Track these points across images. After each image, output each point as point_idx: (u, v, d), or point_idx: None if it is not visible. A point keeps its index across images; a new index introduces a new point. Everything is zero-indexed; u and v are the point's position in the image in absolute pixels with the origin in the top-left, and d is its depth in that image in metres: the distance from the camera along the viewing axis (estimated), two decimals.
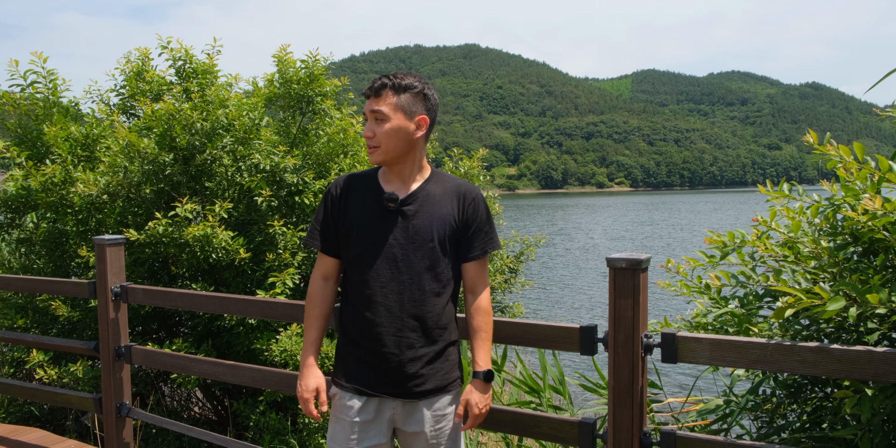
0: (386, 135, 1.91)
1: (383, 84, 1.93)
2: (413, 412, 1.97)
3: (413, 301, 1.94)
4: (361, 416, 1.96)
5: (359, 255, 1.98)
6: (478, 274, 2.02)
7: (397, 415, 1.98)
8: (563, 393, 3.42)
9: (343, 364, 2.03)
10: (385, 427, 1.98)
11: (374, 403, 1.97)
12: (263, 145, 4.66)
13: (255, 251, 4.57)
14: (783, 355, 1.82)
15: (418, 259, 1.94)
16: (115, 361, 3.21)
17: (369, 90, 1.95)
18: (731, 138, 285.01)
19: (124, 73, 5.25)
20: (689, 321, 2.81)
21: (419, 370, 1.94)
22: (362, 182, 2.03)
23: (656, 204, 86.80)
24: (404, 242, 1.94)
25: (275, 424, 4.38)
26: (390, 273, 1.94)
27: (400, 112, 1.92)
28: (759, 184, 2.61)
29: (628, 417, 1.98)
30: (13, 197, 4.81)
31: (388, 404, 1.97)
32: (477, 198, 2.02)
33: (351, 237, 1.99)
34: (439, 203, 1.99)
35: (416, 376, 1.94)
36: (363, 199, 2.00)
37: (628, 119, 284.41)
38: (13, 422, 4.86)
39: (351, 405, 1.97)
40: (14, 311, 4.73)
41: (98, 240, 3.17)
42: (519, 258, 6.17)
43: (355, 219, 1.99)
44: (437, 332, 1.97)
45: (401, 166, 1.99)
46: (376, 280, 1.94)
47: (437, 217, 1.97)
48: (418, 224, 1.95)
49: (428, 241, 1.95)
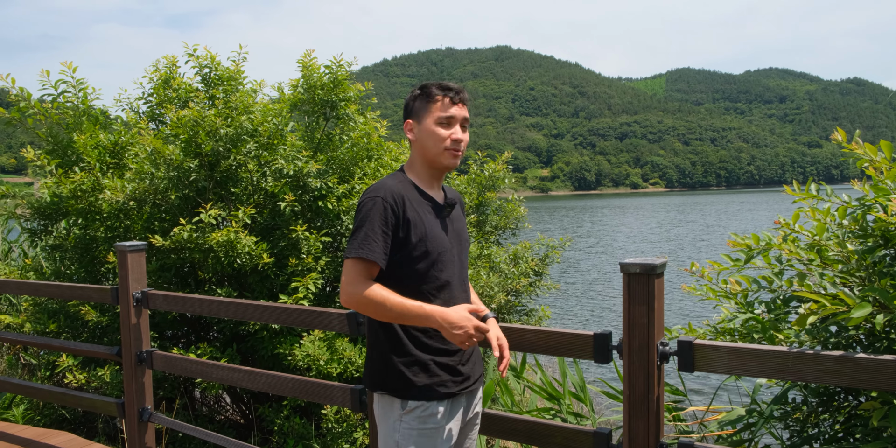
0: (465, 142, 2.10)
1: (465, 97, 2.10)
2: (471, 399, 2.13)
3: (465, 295, 2.12)
4: (448, 421, 2.04)
5: (434, 263, 2.02)
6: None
7: (465, 408, 2.10)
8: (583, 400, 3.35)
9: (421, 374, 1.99)
10: (460, 423, 2.09)
11: (455, 405, 2.07)
12: (288, 150, 4.67)
13: (278, 256, 4.59)
14: (806, 364, 1.74)
15: (464, 260, 2.15)
16: (137, 366, 3.24)
17: (458, 97, 2.06)
18: (769, 137, 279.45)
19: (152, 81, 5.32)
20: (715, 327, 2.72)
21: (475, 359, 2.13)
22: (410, 191, 2.05)
23: (689, 204, 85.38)
24: (458, 246, 2.11)
25: (299, 429, 4.39)
26: (458, 275, 2.09)
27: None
28: (796, 183, 2.51)
29: (644, 428, 1.92)
30: (45, 204, 4.91)
31: (460, 402, 2.09)
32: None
33: (422, 246, 1.99)
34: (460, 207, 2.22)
35: (475, 365, 2.12)
36: (422, 207, 2.05)
37: (663, 118, 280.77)
38: (47, 424, 4.96)
39: (437, 412, 2.00)
40: (46, 315, 4.82)
41: (119, 246, 3.20)
42: (544, 261, 6.10)
43: (422, 226, 2.00)
44: None
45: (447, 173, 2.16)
46: (450, 282, 2.06)
47: (463, 219, 2.20)
48: (458, 227, 2.15)
49: (467, 240, 2.17)
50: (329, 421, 4.19)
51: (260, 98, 5.40)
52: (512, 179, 6.10)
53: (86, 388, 4.49)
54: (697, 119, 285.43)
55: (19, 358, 6.56)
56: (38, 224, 5.11)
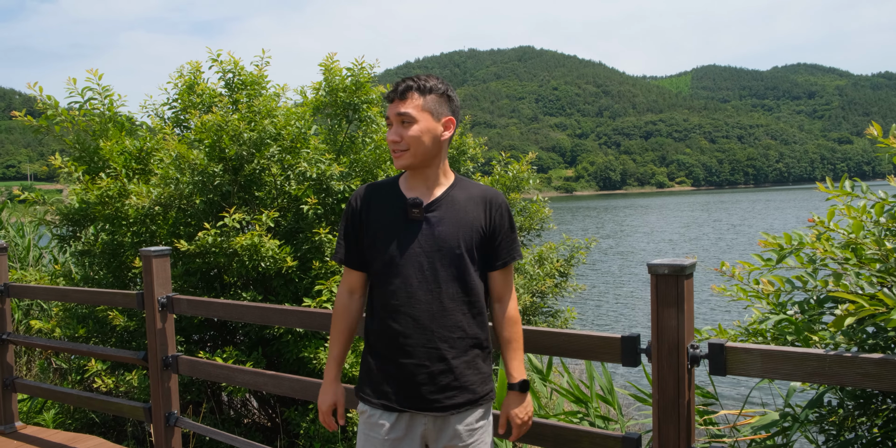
0: (414, 137, 1.87)
1: (408, 86, 1.89)
2: (444, 427, 1.89)
3: (442, 311, 1.87)
4: (392, 434, 1.89)
5: (385, 266, 1.91)
6: (504, 283, 1.95)
7: (428, 431, 1.90)
8: (612, 403, 3.28)
9: (370, 379, 1.95)
10: (417, 444, 1.90)
11: (404, 420, 1.90)
12: (311, 154, 4.68)
13: (302, 259, 4.59)
14: (843, 368, 1.67)
15: (445, 267, 1.87)
16: (163, 371, 3.25)
17: (393, 93, 1.90)
18: (797, 133, 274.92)
19: (177, 87, 5.37)
20: (746, 328, 2.65)
21: (450, 382, 1.86)
22: (383, 191, 1.98)
23: (714, 203, 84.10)
24: (430, 250, 1.87)
25: (325, 432, 4.38)
26: (417, 282, 1.87)
27: (427, 113, 1.88)
28: (829, 180, 2.43)
29: (675, 433, 1.86)
30: (74, 210, 4.97)
31: (419, 420, 1.90)
32: (503, 205, 1.95)
33: (375, 248, 1.93)
34: (465, 209, 1.91)
35: (447, 388, 1.86)
36: (385, 208, 1.95)
37: (688, 117, 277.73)
38: (78, 428, 5.02)
39: (382, 423, 1.90)
40: (76, 320, 4.88)
41: (144, 251, 3.22)
42: (569, 262, 6.03)
43: (378, 229, 1.93)
44: (466, 342, 1.89)
45: (426, 170, 1.93)
46: (403, 290, 1.88)
47: (464, 224, 1.90)
48: (444, 231, 1.88)
49: (454, 248, 1.88)
50: (354, 424, 4.18)
51: (283, 102, 5.42)
52: (536, 180, 6.05)
53: (114, 393, 4.53)
54: (724, 116, 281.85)
55: (51, 362, 6.66)
56: (66, 230, 5.18)
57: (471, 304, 1.90)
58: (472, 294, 1.90)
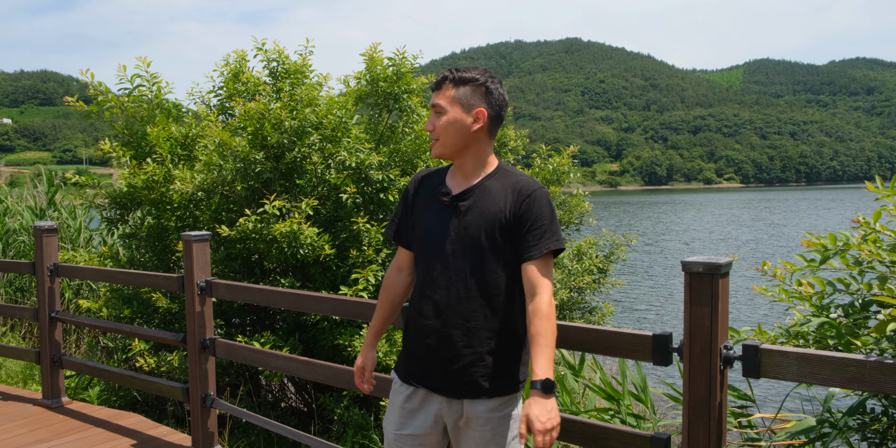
0: (443, 127, 1.92)
1: (444, 77, 1.95)
2: (456, 410, 1.95)
3: (459, 299, 1.91)
4: (408, 405, 2.02)
5: (419, 251, 2.02)
6: (535, 276, 1.90)
7: (443, 410, 1.98)
8: (644, 401, 3.24)
9: (402, 352, 2.10)
10: (431, 419, 1.99)
11: (420, 394, 2.01)
12: (351, 143, 4.71)
13: (340, 248, 4.63)
14: (885, 375, 1.62)
15: (465, 256, 1.91)
16: (201, 353, 3.32)
17: (433, 84, 1.97)
18: (854, 130, 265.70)
19: (223, 75, 5.46)
20: (787, 330, 2.58)
21: (461, 369, 1.91)
22: (433, 178, 2.07)
23: (759, 201, 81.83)
24: (455, 239, 1.93)
25: (358, 419, 4.43)
26: (441, 268, 1.93)
27: (457, 105, 1.92)
28: (879, 179, 2.33)
29: (704, 435, 1.82)
30: (121, 194, 5.11)
31: (434, 398, 1.99)
32: (535, 194, 1.91)
33: (415, 231, 2.04)
34: (493, 199, 1.92)
35: (458, 374, 1.91)
36: (430, 194, 2.03)
37: (739, 112, 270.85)
38: (121, 406, 5.18)
39: (400, 392, 2.04)
40: (122, 301, 5.03)
41: (185, 236, 3.29)
42: (609, 258, 5.95)
43: (420, 214, 2.04)
44: (483, 334, 1.90)
45: (462, 161, 1.98)
46: (429, 275, 1.96)
47: (489, 213, 1.91)
48: (469, 220, 1.92)
49: (475, 238, 1.90)
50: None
51: (326, 91, 5.47)
52: (577, 174, 5.98)
53: (156, 372, 4.66)
54: (776, 112, 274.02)
55: (98, 341, 6.89)
56: (114, 213, 5.33)
57: (490, 294, 1.90)
58: (492, 285, 1.90)
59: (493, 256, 1.90)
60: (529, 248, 1.89)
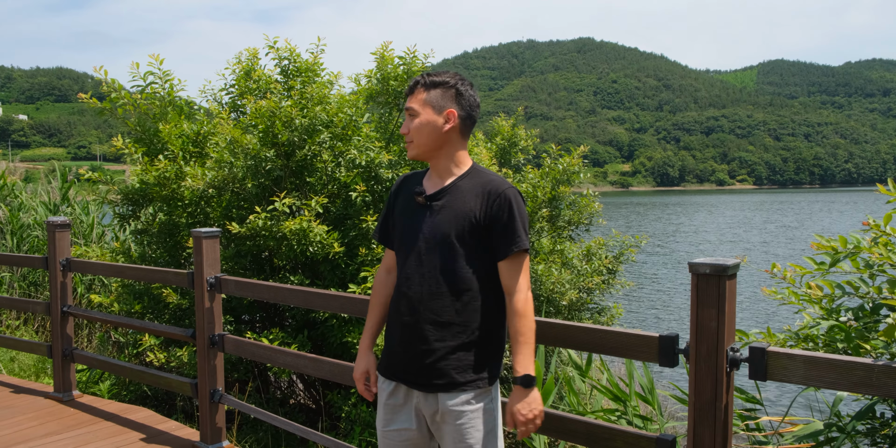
0: (416, 129, 2.00)
1: (416, 82, 2.03)
2: (432, 404, 2.00)
3: (431, 295, 1.98)
4: (391, 400, 2.06)
5: (398, 249, 2.09)
6: (509, 275, 1.97)
7: (420, 404, 2.02)
8: (651, 403, 3.23)
9: (383, 349, 2.15)
10: (413, 414, 2.04)
11: (402, 389, 2.05)
12: (361, 141, 4.72)
13: (349, 246, 4.65)
14: (893, 379, 1.60)
15: (436, 255, 1.98)
16: (209, 349, 3.35)
17: (406, 89, 2.06)
18: (869, 132, 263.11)
19: (234, 73, 5.48)
20: (796, 333, 2.57)
21: (433, 363, 1.97)
22: (413, 180, 2.15)
23: (771, 203, 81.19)
24: (428, 237, 2.00)
25: (365, 417, 4.45)
26: (415, 266, 2.01)
27: (429, 107, 2.00)
28: (891, 181, 2.32)
29: (710, 437, 1.82)
30: (133, 190, 5.15)
31: (413, 393, 2.04)
32: (504, 195, 1.96)
33: (395, 231, 2.12)
34: (464, 199, 1.99)
35: (430, 368, 1.97)
36: (408, 195, 2.10)
37: (753, 113, 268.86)
38: (132, 400, 5.22)
39: (384, 388, 2.10)
40: (132, 296, 5.07)
41: (195, 232, 3.31)
42: (618, 259, 5.94)
43: (399, 214, 2.11)
44: (454, 329, 1.97)
45: (436, 161, 2.05)
46: (403, 272, 2.04)
47: (460, 213, 1.98)
48: (441, 219, 1.99)
49: (447, 236, 1.97)
50: None
51: (337, 89, 5.48)
52: (588, 174, 5.97)
53: (165, 367, 4.69)
54: (790, 113, 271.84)
55: (110, 335, 6.94)
56: (127, 209, 5.37)
57: (460, 290, 1.97)
58: (462, 282, 1.97)
59: (465, 254, 1.97)
60: (498, 248, 1.97)
